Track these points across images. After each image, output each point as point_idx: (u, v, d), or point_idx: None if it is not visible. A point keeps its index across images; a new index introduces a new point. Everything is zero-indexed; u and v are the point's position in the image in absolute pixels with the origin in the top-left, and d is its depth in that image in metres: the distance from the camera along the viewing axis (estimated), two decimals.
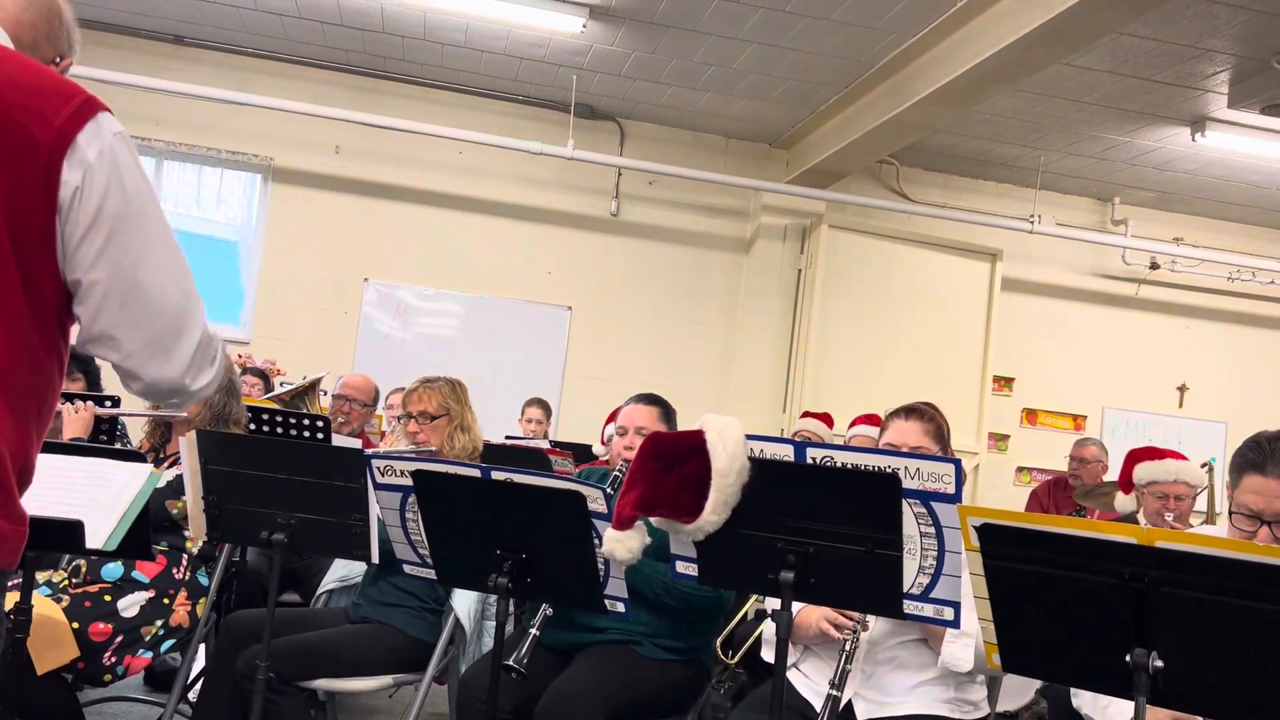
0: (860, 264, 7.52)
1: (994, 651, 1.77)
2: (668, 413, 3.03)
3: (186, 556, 3.01)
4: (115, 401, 3.64)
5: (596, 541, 2.09)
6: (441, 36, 6.43)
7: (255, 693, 2.51)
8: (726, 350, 7.66)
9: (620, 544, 1.97)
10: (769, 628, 2.60)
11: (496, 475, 2.14)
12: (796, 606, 2.32)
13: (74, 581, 2.87)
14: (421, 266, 7.28)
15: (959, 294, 7.69)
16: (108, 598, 2.82)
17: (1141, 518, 4.12)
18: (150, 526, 2.47)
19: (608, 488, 2.12)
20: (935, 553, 1.86)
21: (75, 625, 2.70)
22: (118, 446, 3.54)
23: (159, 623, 2.88)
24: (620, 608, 2.19)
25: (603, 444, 5.30)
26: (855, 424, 5.41)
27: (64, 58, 1.61)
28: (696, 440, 1.92)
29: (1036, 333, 8.13)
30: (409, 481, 2.23)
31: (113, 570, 2.88)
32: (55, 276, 1.40)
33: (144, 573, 2.91)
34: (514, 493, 2.13)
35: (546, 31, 6.11)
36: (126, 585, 2.88)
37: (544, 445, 4.82)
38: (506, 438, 5.28)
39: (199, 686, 3.07)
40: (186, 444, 2.67)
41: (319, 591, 3.41)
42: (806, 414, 6.25)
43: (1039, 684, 2.85)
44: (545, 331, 7.44)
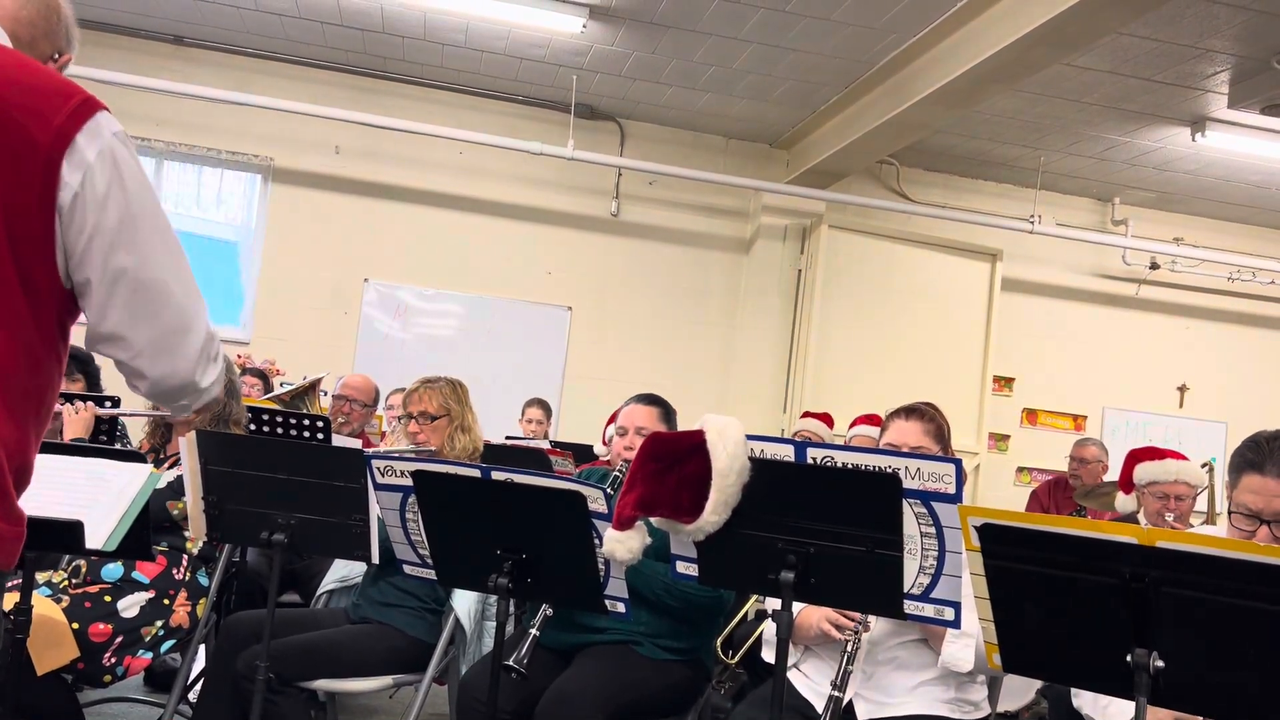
0: (860, 264, 7.52)
1: (994, 652, 1.76)
2: (668, 413, 3.03)
3: (186, 557, 3.01)
4: (115, 402, 3.64)
5: (597, 542, 2.09)
6: (441, 37, 6.43)
7: (255, 693, 2.51)
8: (726, 350, 7.65)
9: (620, 544, 1.97)
10: (769, 628, 2.60)
11: (497, 475, 2.14)
12: (797, 607, 2.32)
13: (74, 582, 2.87)
14: (421, 267, 7.28)
15: (959, 294, 7.68)
16: (108, 598, 2.82)
17: (1142, 518, 4.12)
18: (150, 527, 2.46)
19: (608, 488, 2.12)
20: (936, 553, 1.85)
21: (75, 626, 2.70)
22: (118, 447, 3.54)
23: (159, 623, 2.88)
24: (620, 608, 2.19)
25: (604, 444, 5.29)
26: (855, 424, 5.41)
27: (63, 54, 1.61)
28: (697, 440, 1.92)
29: (1036, 333, 8.13)
30: (409, 482, 2.23)
31: (113, 571, 2.88)
32: (54, 277, 1.40)
33: (144, 573, 2.91)
34: (514, 493, 2.13)
35: (546, 32, 6.11)
36: (126, 586, 2.88)
37: (544, 445, 4.81)
38: (507, 438, 5.28)
39: (199, 687, 3.07)
40: (186, 444, 2.67)
41: (319, 592, 3.41)
42: (806, 414, 6.26)
43: (1039, 684, 2.85)
44: (545, 332, 7.44)
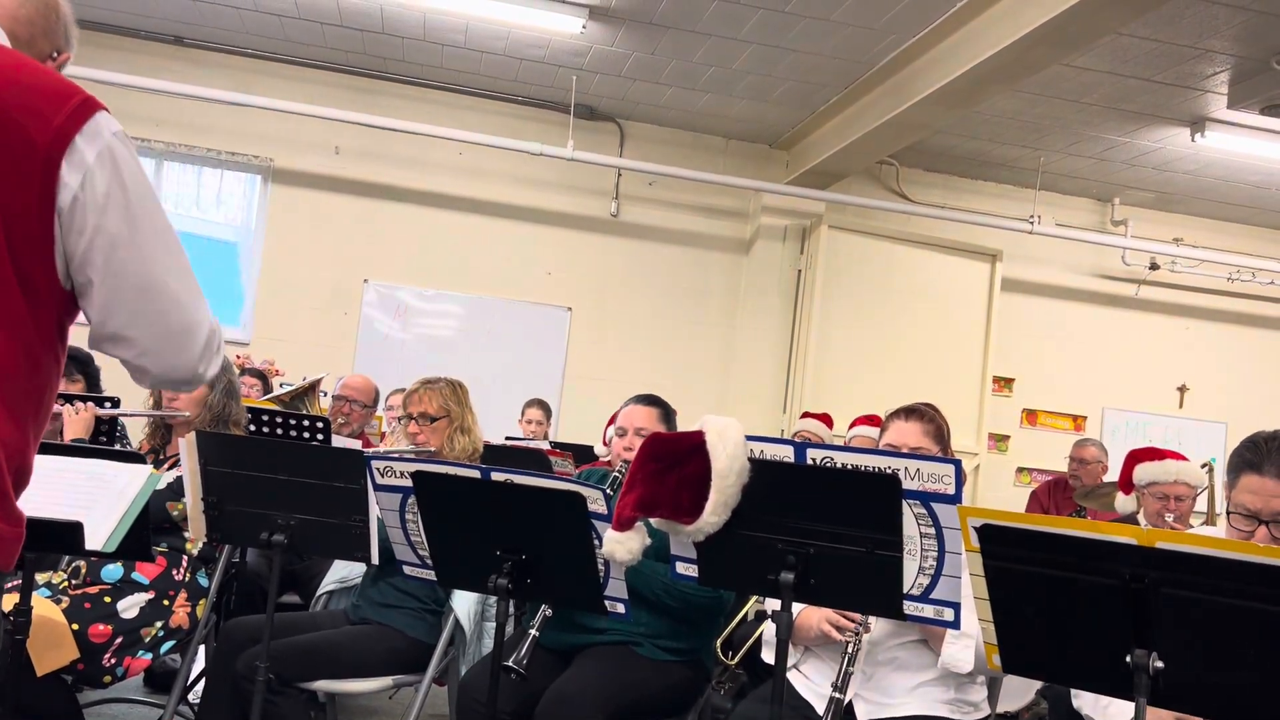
0: (860, 264, 7.52)
1: (994, 652, 1.76)
2: (667, 413, 3.03)
3: (186, 558, 3.00)
4: (115, 402, 3.64)
5: (596, 542, 2.09)
6: (441, 37, 6.43)
7: (255, 694, 2.51)
8: (726, 351, 7.65)
9: (620, 545, 1.97)
10: (769, 629, 2.60)
11: (496, 476, 2.14)
12: (797, 608, 2.32)
13: (73, 583, 2.87)
14: (421, 267, 7.28)
15: (959, 294, 7.68)
16: (107, 599, 2.82)
17: (1142, 518, 4.12)
18: (150, 528, 2.46)
19: (607, 488, 2.12)
20: (935, 553, 1.85)
21: (75, 627, 2.69)
22: (118, 448, 3.54)
23: (159, 624, 2.88)
24: (620, 609, 2.19)
25: (604, 445, 5.29)
26: (855, 425, 5.41)
27: (61, 52, 1.60)
28: (696, 441, 1.92)
29: (1036, 333, 8.13)
30: (409, 482, 2.23)
31: (112, 572, 2.87)
32: (53, 278, 1.39)
33: (144, 574, 2.90)
34: (514, 493, 2.13)
35: (546, 32, 6.11)
36: (126, 587, 2.87)
37: (544, 446, 4.81)
38: (506, 438, 5.28)
39: (198, 688, 3.07)
40: (186, 445, 2.66)
41: (319, 593, 3.40)
42: (806, 414, 6.26)
43: (1039, 685, 2.85)
44: (545, 332, 7.44)
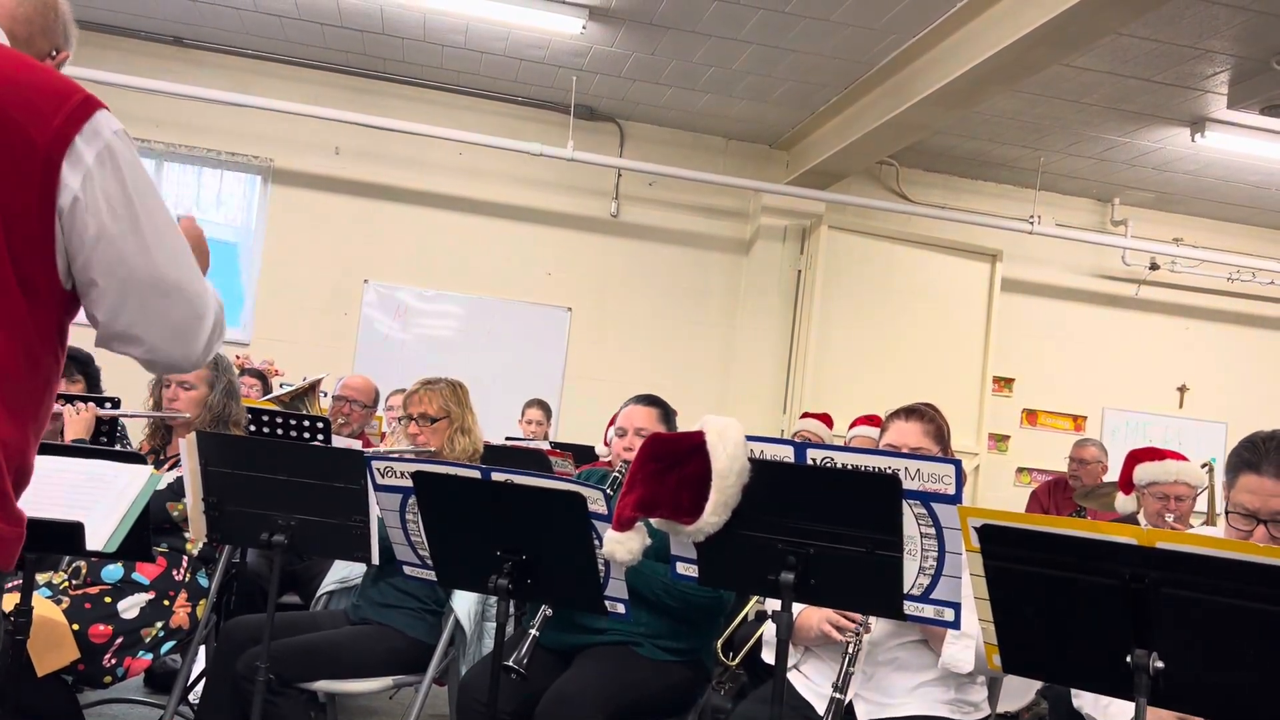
0: (860, 264, 7.52)
1: (994, 652, 1.76)
2: (667, 413, 3.03)
3: (186, 558, 3.00)
4: (115, 403, 3.64)
5: (596, 542, 2.09)
6: (441, 38, 6.43)
7: (255, 694, 2.51)
8: (726, 351, 7.65)
9: (620, 545, 1.97)
10: (770, 629, 2.60)
11: (496, 476, 2.14)
12: (797, 608, 2.32)
13: (74, 583, 2.87)
14: (421, 268, 7.28)
15: (959, 294, 7.69)
16: (108, 599, 2.82)
17: (1142, 518, 4.12)
18: (150, 528, 2.46)
19: (607, 489, 2.12)
20: (935, 553, 1.85)
21: (75, 627, 2.69)
22: (118, 448, 3.54)
23: (159, 624, 2.88)
24: (620, 609, 2.19)
25: (605, 445, 5.29)
26: (855, 425, 5.41)
27: (60, 51, 1.60)
28: (696, 441, 1.92)
29: (1036, 333, 8.13)
30: (409, 483, 2.23)
31: (113, 572, 2.87)
32: (53, 278, 1.39)
33: (144, 574, 2.90)
34: (514, 494, 2.13)
35: (546, 33, 6.11)
36: (126, 587, 2.87)
37: (544, 446, 4.81)
38: (506, 439, 5.28)
39: (199, 688, 3.07)
40: (187, 446, 2.66)
41: (319, 593, 3.40)
42: (806, 414, 6.26)
43: (1039, 685, 2.85)
44: (545, 332, 7.44)
